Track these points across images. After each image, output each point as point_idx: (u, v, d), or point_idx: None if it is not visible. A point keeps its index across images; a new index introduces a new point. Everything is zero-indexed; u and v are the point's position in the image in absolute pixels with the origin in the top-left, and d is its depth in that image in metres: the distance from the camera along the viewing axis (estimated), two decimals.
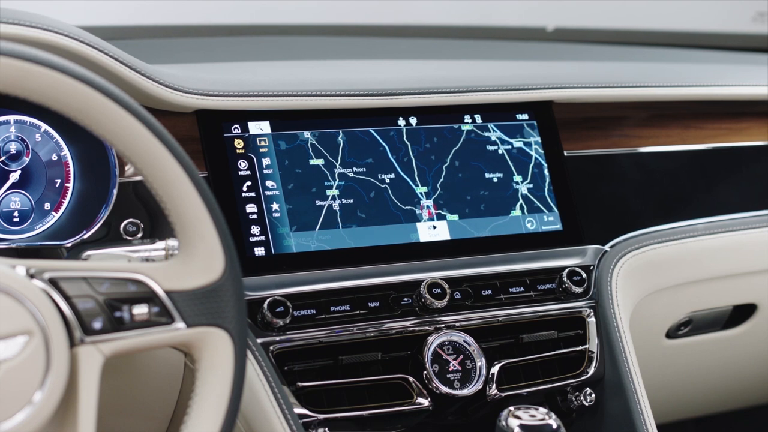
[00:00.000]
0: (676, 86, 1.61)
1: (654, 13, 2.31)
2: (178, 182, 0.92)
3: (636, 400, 1.36)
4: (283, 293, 1.26)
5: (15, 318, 0.85)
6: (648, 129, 1.62)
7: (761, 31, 2.35)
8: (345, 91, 1.38)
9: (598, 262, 1.45)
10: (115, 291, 0.89)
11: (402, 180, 1.39)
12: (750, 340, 1.75)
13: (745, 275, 1.65)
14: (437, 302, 1.31)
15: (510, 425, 1.15)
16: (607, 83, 1.56)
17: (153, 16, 1.93)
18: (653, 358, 1.65)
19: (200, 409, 0.91)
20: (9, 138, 1.27)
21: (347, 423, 1.25)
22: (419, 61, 1.81)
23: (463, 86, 1.45)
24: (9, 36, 1.14)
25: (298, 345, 1.25)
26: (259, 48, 1.96)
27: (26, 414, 0.84)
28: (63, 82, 0.88)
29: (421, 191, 1.40)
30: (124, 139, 0.91)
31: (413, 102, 1.42)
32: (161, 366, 1.28)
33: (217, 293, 0.93)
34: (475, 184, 1.43)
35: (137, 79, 1.25)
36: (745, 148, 1.70)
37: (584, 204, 1.50)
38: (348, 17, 2.09)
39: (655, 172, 1.59)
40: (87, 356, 0.87)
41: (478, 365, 1.30)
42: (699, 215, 1.59)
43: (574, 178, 1.50)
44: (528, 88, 1.49)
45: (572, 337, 1.40)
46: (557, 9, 2.23)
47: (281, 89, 1.35)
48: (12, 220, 1.26)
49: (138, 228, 1.25)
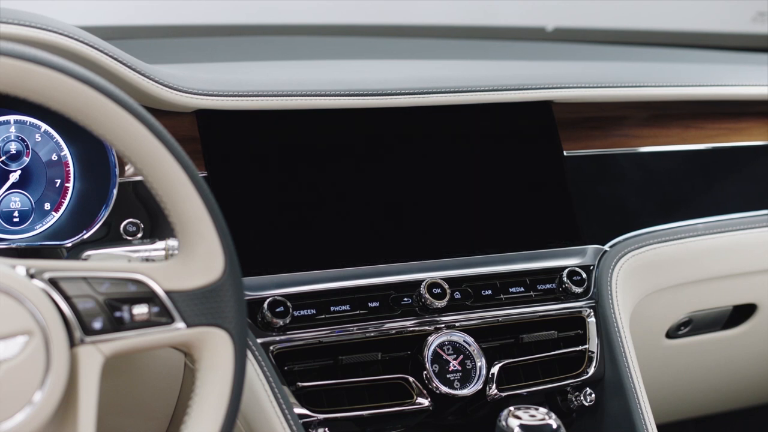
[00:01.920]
0: (676, 86, 1.61)
1: (654, 13, 2.31)
2: (178, 182, 0.92)
3: (636, 400, 1.36)
4: (283, 293, 1.26)
5: (15, 318, 0.85)
6: (648, 129, 1.62)
7: (761, 31, 2.35)
8: (345, 91, 1.38)
9: (598, 262, 1.45)
10: (115, 291, 0.90)
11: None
12: (750, 340, 1.75)
13: (745, 275, 1.65)
14: (437, 302, 1.31)
15: (510, 425, 1.15)
16: (607, 83, 1.56)
17: (153, 16, 1.93)
18: (653, 358, 1.65)
19: (200, 409, 0.91)
20: (9, 138, 1.27)
21: (347, 423, 1.25)
22: (419, 61, 1.81)
23: (463, 86, 1.45)
24: (9, 36, 1.14)
25: (298, 345, 1.25)
26: (259, 48, 1.96)
27: (26, 414, 0.84)
28: (63, 82, 0.88)
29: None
30: (124, 139, 0.91)
31: (413, 102, 1.42)
32: (161, 366, 1.28)
33: (217, 293, 0.93)
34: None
35: (137, 79, 1.25)
36: (745, 148, 1.70)
37: (584, 204, 1.50)
38: (348, 17, 2.09)
39: (655, 172, 1.59)
40: (87, 356, 0.87)
41: (478, 365, 1.30)
42: (699, 215, 1.59)
43: (574, 178, 1.50)
44: (528, 88, 1.49)
45: (572, 337, 1.40)
46: (557, 9, 2.23)
47: (281, 89, 1.35)
48: (12, 220, 1.26)
49: (138, 228, 1.25)
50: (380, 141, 1.40)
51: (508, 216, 1.44)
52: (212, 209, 0.93)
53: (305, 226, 1.33)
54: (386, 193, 1.38)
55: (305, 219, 1.33)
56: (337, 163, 1.37)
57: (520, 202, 1.45)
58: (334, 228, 1.34)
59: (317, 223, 1.34)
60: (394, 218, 1.37)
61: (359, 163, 1.38)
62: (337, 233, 1.34)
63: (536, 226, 1.45)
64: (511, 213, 1.44)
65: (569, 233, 1.46)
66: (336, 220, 1.35)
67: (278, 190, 1.33)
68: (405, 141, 1.41)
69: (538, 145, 1.49)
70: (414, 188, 1.40)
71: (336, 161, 1.37)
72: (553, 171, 1.48)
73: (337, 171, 1.37)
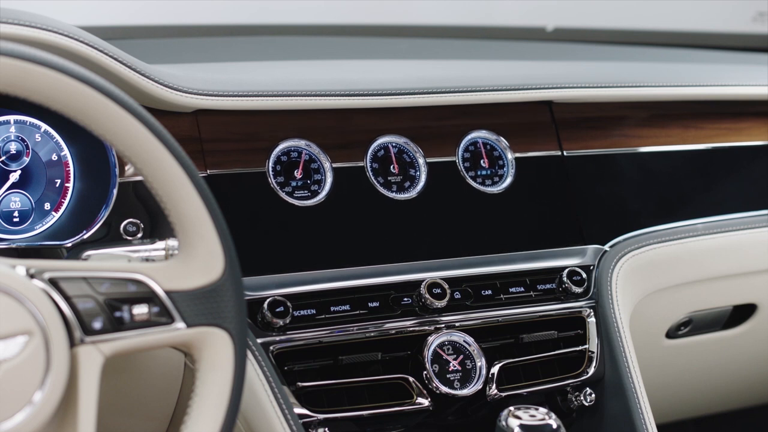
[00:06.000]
0: (676, 86, 1.61)
1: (654, 13, 2.31)
2: (178, 182, 0.92)
3: (636, 400, 1.36)
4: (283, 293, 1.26)
5: (15, 318, 0.85)
6: (648, 129, 1.62)
7: (761, 31, 2.35)
8: (345, 91, 1.38)
9: (598, 262, 1.45)
10: (115, 291, 0.90)
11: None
12: (750, 340, 1.75)
13: (745, 275, 1.65)
14: (437, 302, 1.31)
15: (510, 425, 1.15)
16: (607, 83, 1.56)
17: (153, 16, 1.93)
18: (653, 358, 1.65)
19: (200, 409, 0.91)
20: (9, 138, 1.27)
21: (347, 423, 1.25)
22: (419, 61, 1.81)
23: (463, 86, 1.45)
24: (9, 36, 1.14)
25: (298, 345, 1.25)
26: (259, 48, 1.96)
27: (26, 414, 0.84)
28: (63, 82, 0.88)
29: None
30: (124, 139, 0.91)
31: (413, 102, 1.42)
32: (161, 366, 1.28)
33: (217, 293, 0.93)
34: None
35: (137, 79, 1.25)
36: (745, 148, 1.70)
37: (584, 204, 1.50)
38: (348, 17, 2.09)
39: (655, 172, 1.59)
40: (87, 356, 0.87)
41: (478, 365, 1.30)
42: (699, 215, 1.59)
43: (574, 178, 1.50)
44: (528, 88, 1.49)
45: (572, 337, 1.40)
46: (557, 9, 2.23)
47: (281, 89, 1.35)
48: (12, 220, 1.26)
49: (138, 228, 1.25)
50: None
51: (508, 216, 1.44)
52: (212, 209, 0.93)
53: (305, 225, 1.33)
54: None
55: (305, 219, 1.33)
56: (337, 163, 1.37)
57: (520, 202, 1.45)
58: (334, 228, 1.34)
59: (317, 223, 1.34)
60: (394, 218, 1.37)
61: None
62: (337, 233, 1.34)
63: (536, 226, 1.45)
64: (511, 213, 1.44)
65: (569, 233, 1.46)
66: (336, 219, 1.35)
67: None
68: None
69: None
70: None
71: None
72: (553, 171, 1.48)
73: (337, 171, 1.37)
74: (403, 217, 1.38)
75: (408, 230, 1.38)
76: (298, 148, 1.36)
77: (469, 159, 1.45)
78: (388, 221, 1.37)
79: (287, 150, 1.36)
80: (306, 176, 1.36)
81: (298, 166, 1.36)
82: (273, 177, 1.34)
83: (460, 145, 1.45)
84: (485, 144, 1.47)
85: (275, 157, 1.35)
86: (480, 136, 1.47)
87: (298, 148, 1.36)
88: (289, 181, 1.35)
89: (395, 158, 1.41)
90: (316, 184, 1.36)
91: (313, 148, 1.37)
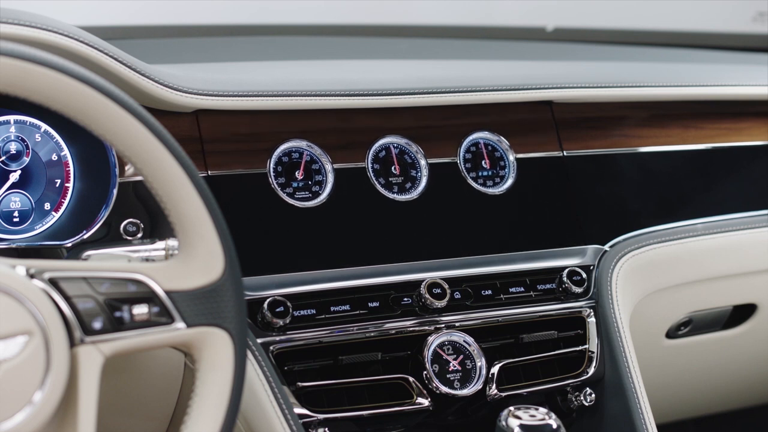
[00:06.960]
0: (676, 86, 1.61)
1: (654, 13, 2.32)
2: (178, 182, 0.92)
3: (636, 400, 1.36)
4: (283, 293, 1.26)
5: (15, 318, 0.85)
6: (648, 129, 1.62)
7: (761, 31, 2.35)
8: (345, 91, 1.38)
9: (598, 262, 1.45)
10: (115, 291, 0.90)
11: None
12: (750, 340, 1.75)
13: (744, 275, 1.65)
14: (437, 302, 1.31)
15: (510, 425, 1.15)
16: (607, 83, 1.56)
17: (153, 16, 1.93)
18: (653, 358, 1.65)
19: (200, 409, 0.91)
20: (9, 138, 1.27)
21: (347, 423, 1.25)
22: (419, 61, 1.81)
23: (463, 86, 1.45)
24: (9, 36, 1.14)
25: (298, 345, 1.25)
26: (259, 48, 1.96)
27: (26, 414, 0.84)
28: (63, 82, 0.88)
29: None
30: (124, 139, 0.91)
31: (414, 102, 1.42)
32: (161, 366, 1.28)
33: (217, 293, 0.93)
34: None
35: (137, 79, 1.25)
36: (745, 148, 1.70)
37: (584, 204, 1.50)
38: (348, 17, 2.09)
39: (655, 172, 1.59)
40: (87, 356, 0.87)
41: (478, 365, 1.30)
42: (699, 215, 1.59)
43: (574, 178, 1.50)
44: (528, 88, 1.49)
45: (572, 337, 1.40)
46: (557, 9, 2.23)
47: (282, 89, 1.35)
48: (12, 220, 1.26)
49: (138, 228, 1.25)
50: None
51: (509, 216, 1.44)
52: (212, 209, 0.93)
53: (306, 226, 1.33)
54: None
55: (306, 220, 1.33)
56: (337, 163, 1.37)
57: (521, 203, 1.45)
58: (335, 229, 1.34)
59: (318, 224, 1.34)
60: (395, 219, 1.37)
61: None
62: (337, 234, 1.34)
63: (536, 226, 1.45)
64: (512, 213, 1.44)
65: (569, 233, 1.46)
66: (337, 221, 1.35)
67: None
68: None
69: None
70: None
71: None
72: (553, 171, 1.48)
73: (338, 172, 1.37)
74: (404, 219, 1.38)
75: (408, 231, 1.38)
76: (299, 148, 1.36)
77: (470, 160, 1.45)
78: (389, 222, 1.37)
79: (288, 151, 1.36)
80: (307, 177, 1.36)
81: (299, 167, 1.36)
82: (274, 178, 1.34)
83: (462, 145, 1.45)
84: (487, 145, 1.47)
85: (276, 158, 1.35)
86: (482, 136, 1.47)
87: (300, 149, 1.37)
88: (290, 182, 1.35)
89: (396, 159, 1.41)
90: (317, 185, 1.36)
91: (314, 149, 1.37)
